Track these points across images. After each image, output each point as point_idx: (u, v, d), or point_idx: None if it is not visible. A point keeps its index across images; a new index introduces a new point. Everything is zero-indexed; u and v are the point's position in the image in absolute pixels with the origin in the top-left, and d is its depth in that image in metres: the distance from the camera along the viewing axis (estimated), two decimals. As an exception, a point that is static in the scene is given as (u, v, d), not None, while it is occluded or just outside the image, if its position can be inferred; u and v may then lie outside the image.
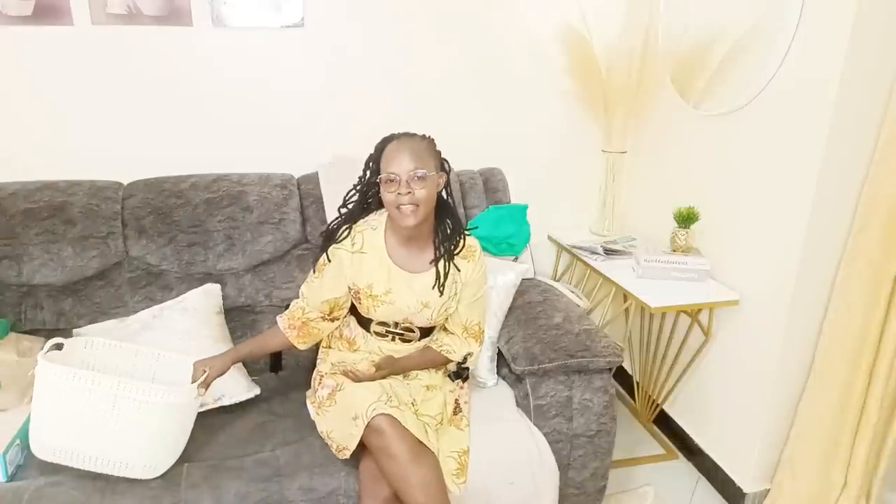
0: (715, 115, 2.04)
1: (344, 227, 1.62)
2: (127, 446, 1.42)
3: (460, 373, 1.77)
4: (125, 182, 1.97)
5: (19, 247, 1.79)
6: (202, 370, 1.55)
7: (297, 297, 1.70)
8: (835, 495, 1.91)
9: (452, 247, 1.62)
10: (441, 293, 1.61)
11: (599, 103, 2.36)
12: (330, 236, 1.63)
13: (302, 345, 1.69)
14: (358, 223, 1.63)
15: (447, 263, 1.61)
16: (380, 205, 1.60)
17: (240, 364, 1.80)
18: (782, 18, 1.73)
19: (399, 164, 1.48)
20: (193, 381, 1.53)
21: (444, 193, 1.62)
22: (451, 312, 1.68)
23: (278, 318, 1.70)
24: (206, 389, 1.56)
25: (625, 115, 2.38)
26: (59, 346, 1.48)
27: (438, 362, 1.72)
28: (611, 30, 2.27)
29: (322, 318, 1.66)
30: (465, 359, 1.72)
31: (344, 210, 1.66)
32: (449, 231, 1.62)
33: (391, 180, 1.49)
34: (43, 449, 1.43)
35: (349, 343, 1.71)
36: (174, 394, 1.44)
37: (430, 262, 1.61)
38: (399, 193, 1.48)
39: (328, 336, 1.77)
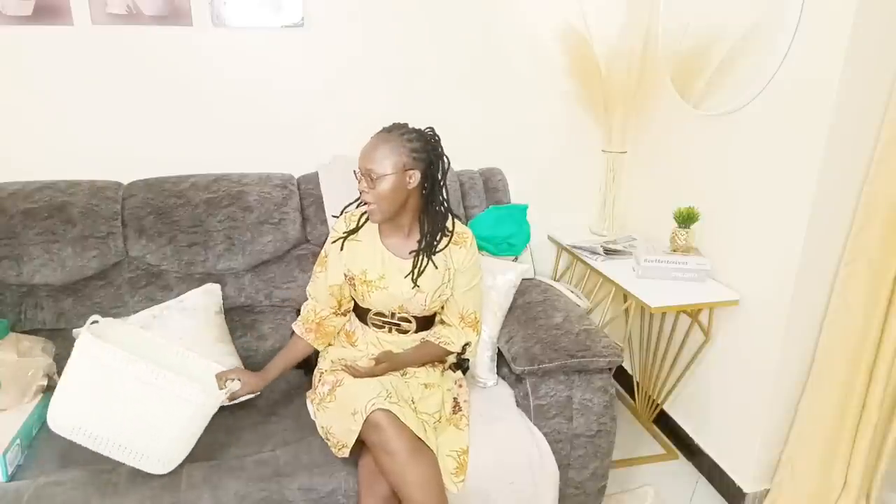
0: (715, 115, 2.04)
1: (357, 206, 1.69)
2: (148, 436, 1.42)
3: (461, 363, 1.78)
4: (125, 182, 1.97)
5: (19, 247, 1.79)
6: (231, 378, 1.58)
7: (304, 300, 1.75)
8: (835, 495, 1.91)
9: (435, 242, 1.64)
10: (414, 285, 1.62)
11: (599, 103, 2.37)
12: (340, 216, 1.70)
13: (321, 345, 1.73)
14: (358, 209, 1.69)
15: (425, 258, 1.63)
16: None
17: (240, 364, 1.81)
18: (782, 18, 1.73)
19: (360, 161, 1.55)
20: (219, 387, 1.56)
21: (430, 188, 1.60)
22: (445, 299, 1.69)
23: (294, 325, 1.73)
24: (231, 400, 1.59)
25: (625, 115, 2.38)
26: (95, 323, 1.49)
27: (437, 356, 1.73)
28: (611, 30, 2.28)
29: (334, 313, 1.72)
30: (464, 349, 1.73)
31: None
32: (433, 227, 1.63)
33: (358, 178, 1.56)
34: (61, 423, 1.41)
35: (348, 336, 1.73)
36: (208, 395, 1.46)
37: (410, 253, 1.64)
38: (361, 190, 1.56)
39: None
